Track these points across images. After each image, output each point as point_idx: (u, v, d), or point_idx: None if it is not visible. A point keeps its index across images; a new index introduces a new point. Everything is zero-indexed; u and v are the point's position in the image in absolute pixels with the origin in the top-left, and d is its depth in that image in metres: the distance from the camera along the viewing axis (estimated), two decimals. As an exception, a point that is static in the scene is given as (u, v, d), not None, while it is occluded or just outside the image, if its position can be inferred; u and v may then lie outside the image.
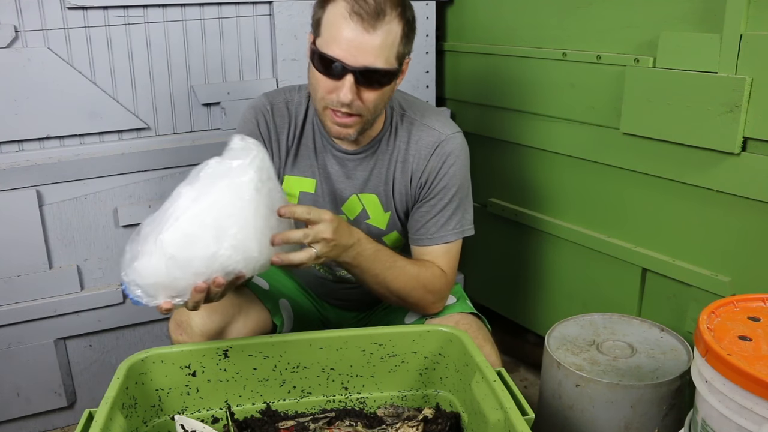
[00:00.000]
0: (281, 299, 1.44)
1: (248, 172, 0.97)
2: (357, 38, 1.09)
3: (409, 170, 1.30)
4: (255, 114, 1.32)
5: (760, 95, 1.22)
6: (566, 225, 1.73)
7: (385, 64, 1.12)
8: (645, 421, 1.28)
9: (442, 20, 2.02)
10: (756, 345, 0.87)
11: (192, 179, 0.98)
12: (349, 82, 1.11)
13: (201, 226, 0.94)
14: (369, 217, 1.34)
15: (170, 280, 0.95)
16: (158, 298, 0.96)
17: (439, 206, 1.29)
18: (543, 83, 1.71)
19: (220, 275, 0.96)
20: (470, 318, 1.29)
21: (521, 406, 0.96)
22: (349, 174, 1.32)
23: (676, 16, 1.37)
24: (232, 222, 0.95)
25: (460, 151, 1.29)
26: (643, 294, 1.57)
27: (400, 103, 1.33)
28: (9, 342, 1.60)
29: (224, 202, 0.96)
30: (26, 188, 1.53)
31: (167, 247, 0.93)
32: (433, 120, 1.31)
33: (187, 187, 0.97)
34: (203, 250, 0.94)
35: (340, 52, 1.10)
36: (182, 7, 1.64)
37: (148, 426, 1.10)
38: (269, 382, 1.17)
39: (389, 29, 1.11)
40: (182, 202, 0.96)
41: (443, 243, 1.29)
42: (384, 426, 1.16)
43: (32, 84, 1.50)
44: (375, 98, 1.16)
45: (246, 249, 0.97)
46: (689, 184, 1.40)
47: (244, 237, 0.96)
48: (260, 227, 0.98)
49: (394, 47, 1.13)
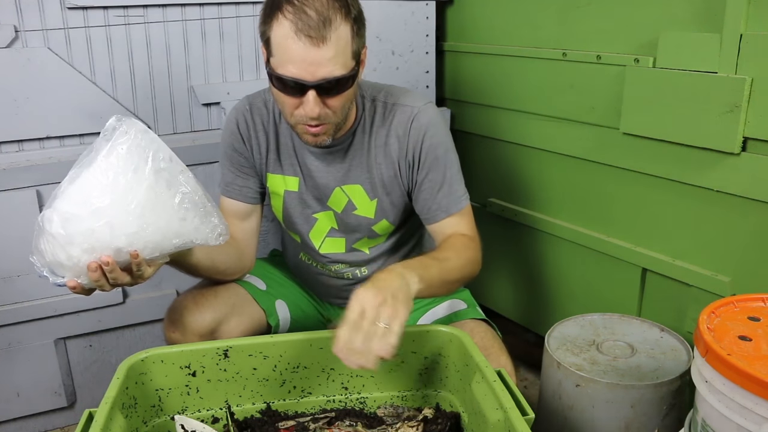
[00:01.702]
0: (278, 300, 1.44)
1: (118, 149, 0.99)
2: (309, 55, 1.07)
3: (393, 153, 1.29)
4: (235, 115, 1.34)
5: (760, 95, 1.22)
6: (566, 225, 1.73)
7: (343, 69, 1.10)
8: (645, 421, 1.28)
9: (442, 20, 2.02)
10: (756, 345, 0.87)
11: (78, 160, 1.01)
12: (312, 97, 1.10)
13: (74, 204, 0.97)
14: (356, 208, 1.34)
15: (63, 259, 0.97)
16: (64, 277, 1.00)
17: (439, 178, 1.28)
18: (543, 83, 1.71)
19: (110, 253, 0.98)
20: (484, 326, 1.29)
21: (521, 406, 0.96)
22: (330, 168, 1.32)
23: (676, 16, 1.37)
24: (103, 199, 0.97)
25: (436, 120, 1.29)
26: (643, 294, 1.57)
27: (369, 90, 1.32)
28: (9, 342, 1.60)
29: (94, 180, 0.98)
30: (26, 188, 1.53)
31: (47, 225, 0.97)
32: (402, 98, 1.30)
33: (71, 170, 1.01)
34: (78, 226, 0.96)
35: (296, 71, 1.08)
36: (182, 7, 1.64)
37: (148, 426, 1.10)
38: (269, 382, 1.17)
39: (338, 35, 1.08)
40: (63, 183, 0.99)
41: (458, 210, 1.29)
42: (384, 426, 1.16)
43: (32, 84, 1.50)
44: (341, 102, 1.15)
45: (123, 224, 0.98)
46: (689, 184, 1.40)
47: (116, 213, 0.97)
48: (141, 203, 0.99)
49: (348, 49, 1.11)
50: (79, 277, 1.00)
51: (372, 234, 1.38)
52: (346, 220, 1.36)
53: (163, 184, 1.01)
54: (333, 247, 1.40)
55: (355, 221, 1.36)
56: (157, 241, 1.02)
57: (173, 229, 1.03)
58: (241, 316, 1.35)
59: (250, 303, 1.37)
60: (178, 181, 1.03)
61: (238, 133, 1.34)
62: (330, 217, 1.37)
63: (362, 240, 1.39)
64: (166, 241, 1.03)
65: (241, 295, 1.37)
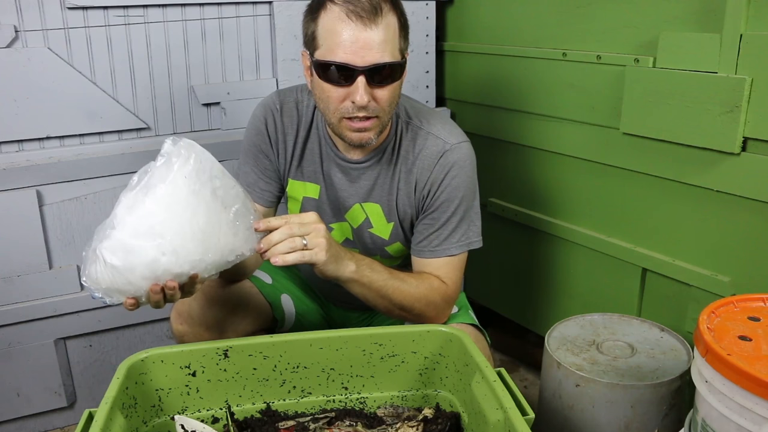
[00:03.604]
0: (283, 294, 1.44)
1: (178, 177, 0.97)
2: (361, 37, 1.07)
3: (413, 180, 1.27)
4: (264, 112, 1.30)
5: (760, 95, 1.22)
6: (566, 225, 1.73)
7: (391, 57, 1.11)
8: (645, 421, 1.28)
9: (442, 20, 2.02)
10: (756, 345, 0.87)
11: (131, 186, 0.99)
12: (362, 84, 1.09)
13: (136, 235, 0.95)
14: (372, 227, 1.33)
15: (121, 285, 0.96)
16: (119, 298, 0.99)
17: (442, 219, 1.26)
18: (543, 83, 1.71)
19: (170, 278, 0.97)
20: (469, 329, 1.28)
21: (521, 406, 0.96)
22: (353, 183, 1.30)
23: (676, 16, 1.37)
24: (166, 228, 0.96)
25: (464, 162, 1.25)
26: (643, 294, 1.57)
27: (406, 109, 1.29)
28: (9, 342, 1.60)
29: (156, 210, 0.96)
30: (26, 188, 1.53)
31: (107, 257, 0.95)
32: (438, 128, 1.27)
33: (126, 194, 0.98)
34: (143, 257, 0.95)
35: (346, 55, 1.08)
36: (182, 7, 1.64)
37: (148, 426, 1.10)
38: (269, 382, 1.17)
39: (388, 23, 1.10)
40: (119, 211, 0.97)
41: (446, 256, 1.27)
42: (384, 426, 1.16)
43: (32, 84, 1.51)
44: (389, 95, 1.14)
45: (188, 252, 0.98)
46: (689, 184, 1.40)
47: (182, 241, 0.97)
48: (202, 228, 0.98)
49: (396, 40, 1.12)
50: (137, 296, 0.99)
51: (385, 254, 1.37)
52: (361, 237, 1.35)
53: (219, 203, 1.01)
54: None
55: (369, 239, 1.34)
56: (216, 261, 1.02)
57: (229, 247, 1.03)
58: (248, 309, 1.35)
59: (257, 296, 1.37)
60: (230, 196, 1.03)
61: (266, 134, 1.30)
62: (345, 229, 1.35)
63: (375, 257, 1.36)
64: (222, 260, 1.03)
65: (248, 288, 1.37)
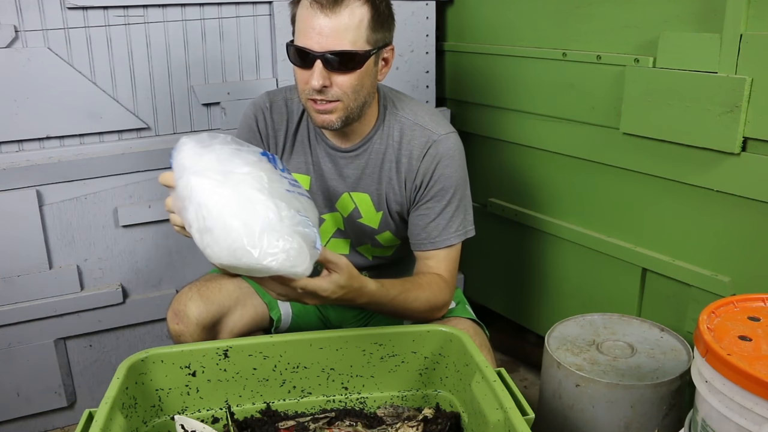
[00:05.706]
0: None
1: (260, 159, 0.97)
2: (318, 24, 1.12)
3: (403, 171, 1.30)
4: (254, 110, 1.34)
5: (760, 95, 1.22)
6: (566, 225, 1.73)
7: (351, 46, 1.13)
8: (645, 421, 1.28)
9: (442, 20, 2.02)
10: (756, 345, 0.87)
11: (212, 175, 0.93)
12: (318, 68, 1.13)
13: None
14: (361, 216, 1.35)
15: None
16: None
17: (438, 209, 1.28)
18: (543, 83, 1.71)
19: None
20: (468, 323, 1.29)
21: (521, 406, 0.96)
22: (341, 172, 1.32)
23: (676, 16, 1.37)
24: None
25: (454, 152, 1.28)
26: (643, 294, 1.57)
27: (393, 101, 1.32)
28: (9, 342, 1.60)
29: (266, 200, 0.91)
30: (26, 188, 1.53)
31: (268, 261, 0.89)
32: (426, 119, 1.30)
33: (217, 189, 0.91)
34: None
35: (307, 40, 1.13)
36: (182, 7, 1.64)
37: (148, 426, 1.10)
38: (269, 382, 1.17)
39: (351, 12, 1.12)
40: (219, 212, 0.89)
41: (446, 246, 1.29)
42: (384, 426, 1.16)
43: (32, 84, 1.50)
44: (350, 82, 1.16)
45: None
46: (689, 184, 1.40)
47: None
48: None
49: (361, 29, 1.14)
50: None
51: (376, 243, 1.39)
52: (351, 225, 1.37)
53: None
54: (337, 248, 1.40)
55: (359, 228, 1.36)
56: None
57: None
58: (244, 308, 1.35)
59: (253, 296, 1.38)
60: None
61: (256, 131, 1.34)
62: (337, 219, 1.37)
63: (366, 245, 1.40)
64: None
65: (245, 288, 1.37)
